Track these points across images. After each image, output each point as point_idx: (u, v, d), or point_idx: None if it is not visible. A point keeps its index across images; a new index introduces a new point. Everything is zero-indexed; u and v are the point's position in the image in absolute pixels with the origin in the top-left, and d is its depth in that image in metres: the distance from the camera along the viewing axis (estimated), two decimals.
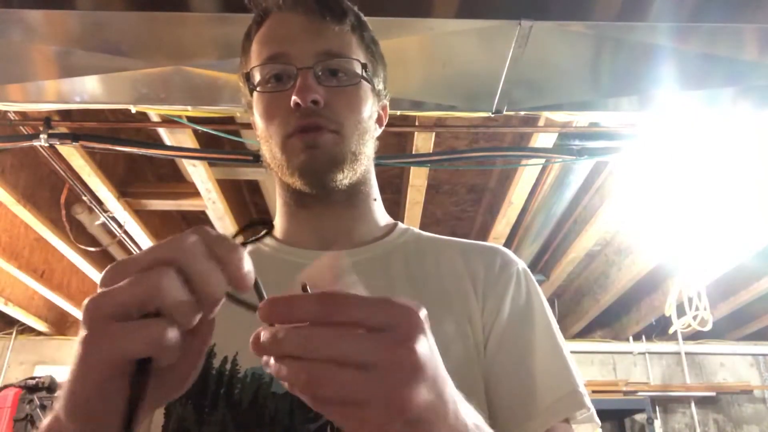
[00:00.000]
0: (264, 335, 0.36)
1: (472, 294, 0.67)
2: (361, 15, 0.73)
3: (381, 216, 0.77)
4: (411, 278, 0.68)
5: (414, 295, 0.65)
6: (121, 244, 2.97)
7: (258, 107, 0.69)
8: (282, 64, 0.67)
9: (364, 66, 0.69)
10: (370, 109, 0.71)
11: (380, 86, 0.75)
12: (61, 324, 4.19)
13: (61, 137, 1.96)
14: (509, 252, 0.74)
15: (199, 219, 3.23)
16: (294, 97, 0.63)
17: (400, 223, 0.78)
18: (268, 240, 0.75)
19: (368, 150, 0.71)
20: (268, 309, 0.36)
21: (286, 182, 0.71)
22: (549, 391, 0.63)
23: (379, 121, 0.76)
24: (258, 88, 0.69)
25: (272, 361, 0.36)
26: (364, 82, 0.70)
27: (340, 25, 0.69)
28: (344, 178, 0.67)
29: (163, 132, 2.06)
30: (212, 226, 2.82)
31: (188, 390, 0.58)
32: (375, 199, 0.76)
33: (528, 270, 0.73)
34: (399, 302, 0.36)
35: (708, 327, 3.13)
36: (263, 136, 0.70)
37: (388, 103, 0.79)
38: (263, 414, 0.57)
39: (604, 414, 3.74)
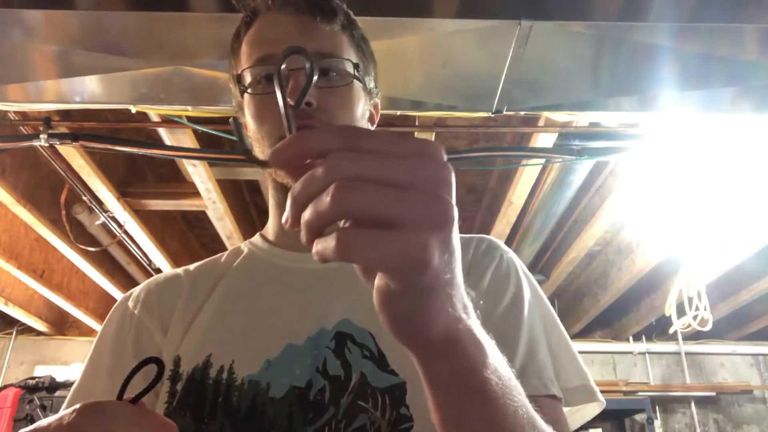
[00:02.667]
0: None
1: None
2: (351, 13, 0.72)
3: None
4: None
5: None
6: (121, 244, 2.97)
7: (249, 109, 0.69)
8: (272, 66, 0.66)
9: (356, 66, 0.69)
10: (363, 108, 0.71)
11: (371, 84, 0.74)
12: (61, 324, 4.19)
13: (61, 137, 1.96)
14: (500, 242, 0.74)
15: (199, 219, 3.23)
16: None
17: None
18: (260, 243, 0.75)
19: None
20: (286, 149, 0.32)
21: (278, 182, 0.70)
22: (537, 364, 0.61)
23: (371, 119, 0.76)
24: (249, 90, 0.68)
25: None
26: (356, 82, 0.69)
27: (330, 25, 0.68)
28: None
29: (163, 132, 2.06)
30: (212, 226, 2.83)
31: (186, 401, 0.59)
32: None
33: (517, 259, 0.72)
34: (418, 138, 0.34)
35: (708, 327, 3.13)
36: (256, 137, 0.69)
37: (379, 101, 0.78)
38: (262, 420, 0.57)
39: (604, 414, 3.72)
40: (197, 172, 2.31)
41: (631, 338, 4.33)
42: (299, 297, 0.65)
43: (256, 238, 0.76)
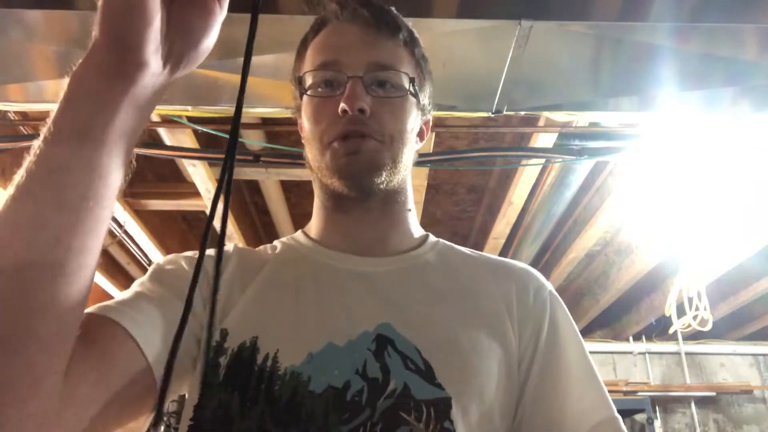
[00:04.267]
0: None
1: (507, 319, 0.67)
2: (415, 32, 0.75)
3: (414, 227, 0.78)
4: (446, 291, 0.69)
5: (448, 308, 0.67)
6: (121, 244, 2.97)
7: (306, 110, 0.72)
8: (333, 71, 0.69)
9: (411, 80, 0.71)
10: (413, 122, 0.73)
11: (425, 101, 0.77)
12: None
13: None
14: (539, 275, 0.75)
15: (199, 219, 3.23)
16: (342, 104, 0.66)
17: (431, 235, 0.79)
18: (303, 239, 0.76)
19: (407, 160, 0.73)
20: None
21: (325, 183, 0.72)
22: (585, 418, 0.64)
23: (420, 134, 0.78)
24: (308, 92, 0.71)
25: None
26: (411, 96, 0.72)
27: (393, 39, 0.72)
28: (382, 182, 0.69)
29: (163, 132, 2.06)
30: (212, 227, 2.83)
31: (233, 380, 0.60)
32: (410, 210, 0.78)
33: (555, 292, 0.74)
34: None
35: (708, 327, 3.14)
36: (308, 138, 0.72)
37: (431, 119, 0.81)
38: (300, 412, 0.58)
39: None
40: (197, 172, 2.31)
41: (631, 338, 4.33)
42: (342, 296, 0.67)
43: (298, 235, 0.78)
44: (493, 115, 1.66)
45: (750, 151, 1.99)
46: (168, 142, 2.09)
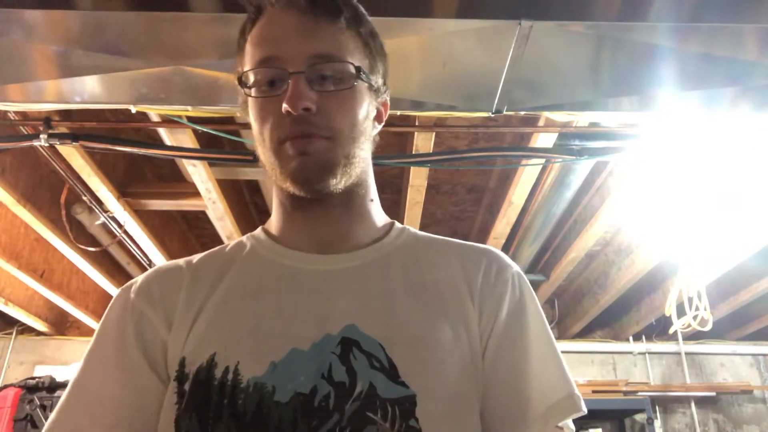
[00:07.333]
0: None
1: (469, 300, 0.67)
2: (359, 8, 0.70)
3: (378, 217, 0.76)
4: (409, 284, 0.67)
5: (411, 302, 0.65)
6: (121, 244, 2.97)
7: (252, 111, 0.68)
8: (274, 68, 0.65)
9: (358, 69, 0.66)
10: (366, 110, 0.69)
11: (379, 82, 0.72)
12: (61, 324, 4.19)
13: (61, 137, 1.96)
14: (503, 255, 0.74)
15: (199, 219, 3.23)
16: (285, 105, 0.62)
17: (396, 223, 0.77)
18: (263, 238, 0.74)
19: (364, 152, 0.69)
20: None
21: (280, 185, 0.70)
22: (544, 397, 0.64)
23: (378, 118, 0.74)
24: (252, 93, 0.67)
25: None
26: (360, 83, 0.67)
27: (334, 23, 0.66)
28: (338, 183, 0.66)
29: (163, 132, 2.06)
30: (212, 226, 2.83)
31: (191, 403, 0.59)
32: (372, 200, 0.75)
33: (521, 273, 0.73)
34: None
35: (708, 327, 3.13)
36: (257, 138, 0.69)
37: (388, 98, 0.77)
38: (267, 424, 0.56)
39: (604, 414, 3.73)
40: (197, 172, 2.31)
41: (631, 338, 4.33)
42: (303, 299, 0.65)
43: (259, 233, 0.75)
44: (493, 115, 1.66)
45: (750, 151, 1.99)
46: (168, 142, 2.09)
